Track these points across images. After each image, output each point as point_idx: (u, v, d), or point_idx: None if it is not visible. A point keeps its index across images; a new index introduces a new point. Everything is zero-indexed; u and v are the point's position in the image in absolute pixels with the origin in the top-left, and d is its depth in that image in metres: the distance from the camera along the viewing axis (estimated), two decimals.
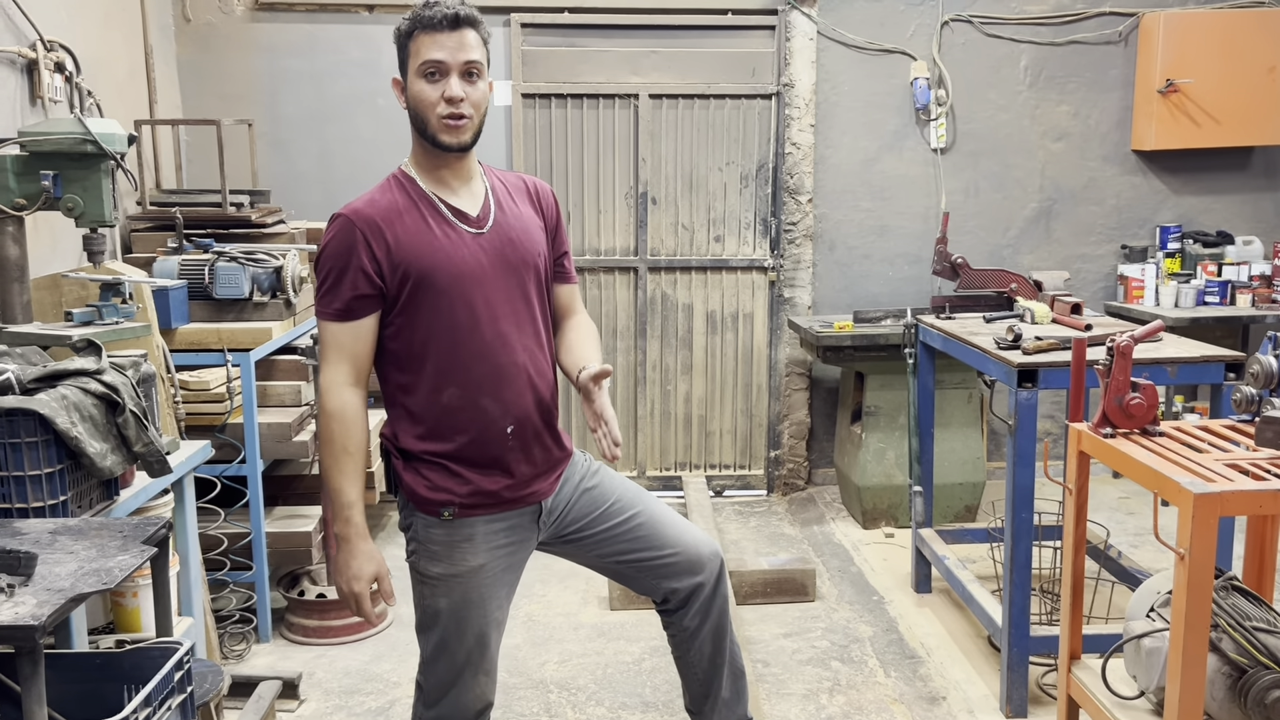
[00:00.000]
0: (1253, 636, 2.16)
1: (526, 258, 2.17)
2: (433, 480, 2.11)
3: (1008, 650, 3.04)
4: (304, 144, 4.86)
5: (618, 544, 2.28)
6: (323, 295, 2.08)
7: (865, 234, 5.14)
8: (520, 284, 2.16)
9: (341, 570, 2.12)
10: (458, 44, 2.04)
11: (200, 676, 2.39)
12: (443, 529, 2.12)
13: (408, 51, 2.08)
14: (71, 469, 2.23)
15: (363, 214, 2.06)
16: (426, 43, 2.04)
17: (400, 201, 2.10)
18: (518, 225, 2.18)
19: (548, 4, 4.84)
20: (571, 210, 5.04)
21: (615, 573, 2.37)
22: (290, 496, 4.01)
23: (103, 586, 1.75)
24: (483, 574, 2.14)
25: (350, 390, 2.08)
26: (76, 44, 3.58)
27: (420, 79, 2.06)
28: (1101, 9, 5.05)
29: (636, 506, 2.29)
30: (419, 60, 2.05)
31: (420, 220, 2.08)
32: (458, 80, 2.05)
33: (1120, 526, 4.55)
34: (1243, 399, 2.40)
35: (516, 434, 2.14)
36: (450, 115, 2.05)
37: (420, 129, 2.10)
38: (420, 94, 2.06)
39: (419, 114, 2.08)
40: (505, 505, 2.16)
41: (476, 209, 2.15)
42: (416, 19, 2.05)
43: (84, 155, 2.63)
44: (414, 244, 2.06)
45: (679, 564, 2.29)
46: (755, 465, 5.29)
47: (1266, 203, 5.27)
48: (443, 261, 2.07)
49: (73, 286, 3.11)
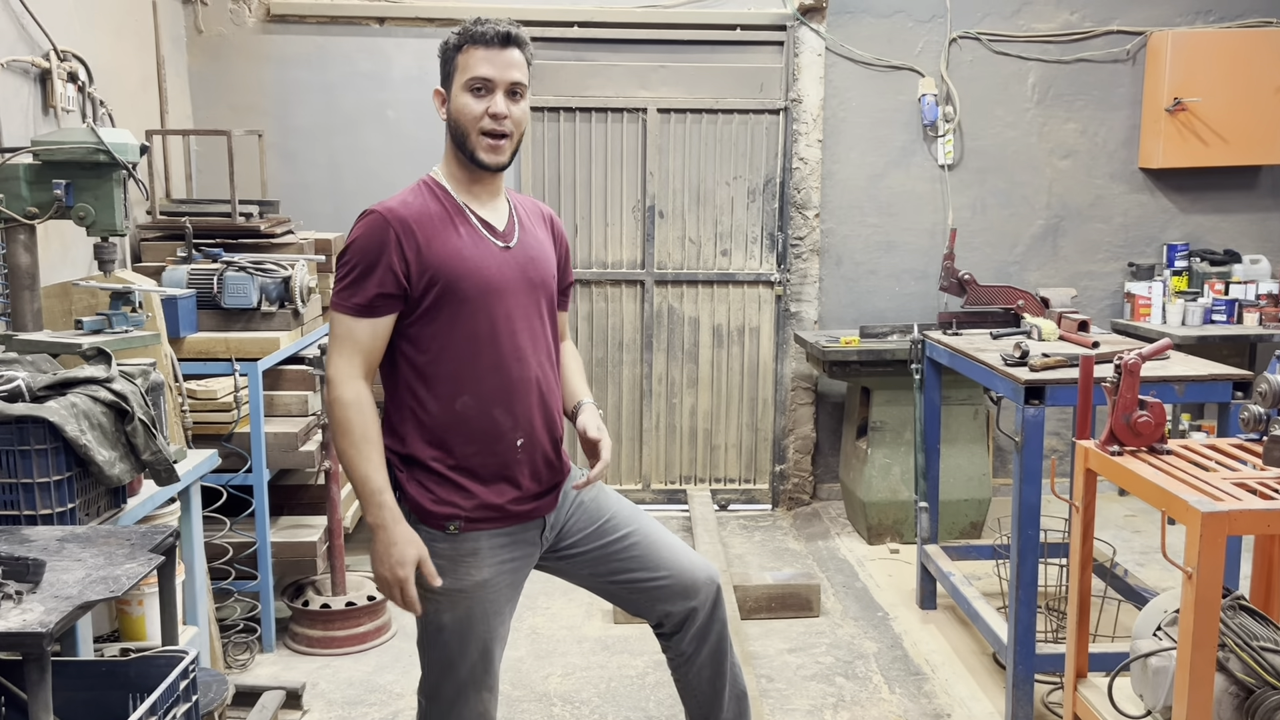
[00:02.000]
0: (1260, 656, 2.15)
1: (545, 278, 2.20)
2: (438, 493, 2.11)
3: (1013, 668, 3.03)
4: (313, 155, 4.88)
5: (610, 563, 2.27)
6: (345, 288, 2.06)
7: (872, 249, 5.15)
8: (537, 302, 2.18)
9: (382, 558, 2.06)
10: (506, 62, 2.08)
11: (205, 686, 2.39)
12: (447, 543, 2.11)
13: (454, 65, 2.09)
14: (80, 476, 2.24)
15: (397, 213, 2.06)
16: (476, 58, 2.06)
17: (432, 207, 2.10)
18: (536, 246, 2.21)
19: (558, 18, 4.86)
20: (579, 223, 5.06)
21: (608, 593, 2.34)
22: (296, 506, 4.01)
23: (110, 594, 1.75)
24: (487, 589, 2.13)
25: (361, 382, 2.08)
26: (89, 54, 3.60)
27: (466, 93, 2.07)
28: (1110, 27, 5.06)
29: (631, 525, 2.28)
30: (467, 75, 2.07)
31: (451, 227, 2.09)
32: (503, 98, 2.08)
33: (1126, 545, 4.54)
34: (1251, 418, 2.39)
35: (525, 447, 2.14)
36: (492, 132, 2.08)
37: (460, 142, 2.11)
38: (464, 107, 2.08)
39: (460, 127, 2.09)
40: (510, 520, 2.15)
41: (503, 224, 2.17)
42: (467, 34, 2.07)
43: (96, 165, 2.64)
44: (444, 250, 2.07)
45: (672, 587, 2.27)
46: (760, 479, 5.28)
47: (1274, 222, 5.27)
48: (471, 270, 2.08)
49: (83, 295, 3.12)
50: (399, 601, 2.08)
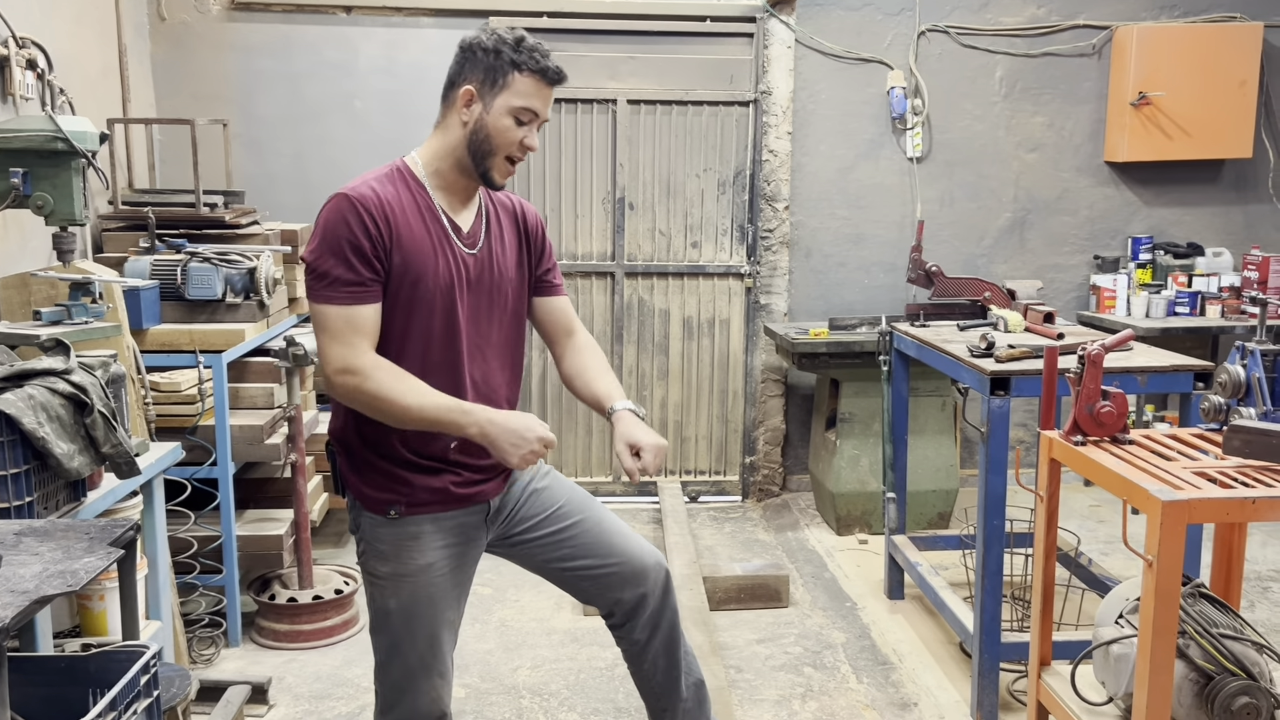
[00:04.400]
0: (1219, 643, 2.18)
1: (505, 283, 2.19)
2: (378, 480, 2.10)
3: (979, 656, 3.06)
4: (279, 145, 4.83)
5: (561, 549, 2.27)
6: (322, 276, 1.98)
7: (841, 242, 5.17)
8: (495, 306, 2.17)
9: (514, 442, 1.98)
10: (550, 99, 2.10)
11: (168, 681, 2.36)
12: (389, 528, 2.10)
13: (506, 81, 2.04)
14: (38, 469, 2.21)
15: (367, 197, 2.01)
16: (532, 87, 2.05)
17: (404, 197, 2.06)
18: (500, 251, 2.20)
19: (527, 8, 4.83)
20: (549, 215, 5.04)
21: (560, 580, 2.33)
22: (262, 500, 3.98)
23: (68, 588, 1.72)
24: (431, 573, 2.12)
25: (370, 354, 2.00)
26: (49, 41, 3.54)
27: (509, 117, 2.05)
28: (1076, 21, 5.10)
29: (583, 513, 2.29)
30: (519, 101, 2.05)
31: (421, 223, 2.06)
32: (537, 132, 2.10)
33: (1090, 534, 4.59)
34: (1211, 408, 2.43)
35: (460, 449, 2.12)
36: (516, 160, 2.10)
37: (479, 156, 2.08)
38: (505, 130, 2.06)
39: (489, 144, 2.06)
40: (452, 503, 2.14)
41: (469, 226, 2.15)
42: (531, 59, 2.04)
43: (55, 153, 2.61)
44: (413, 243, 2.04)
45: (622, 573, 2.27)
46: (730, 471, 5.30)
47: (1236, 215, 5.34)
48: (433, 269, 2.05)
49: (42, 285, 3.07)
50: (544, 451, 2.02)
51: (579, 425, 5.19)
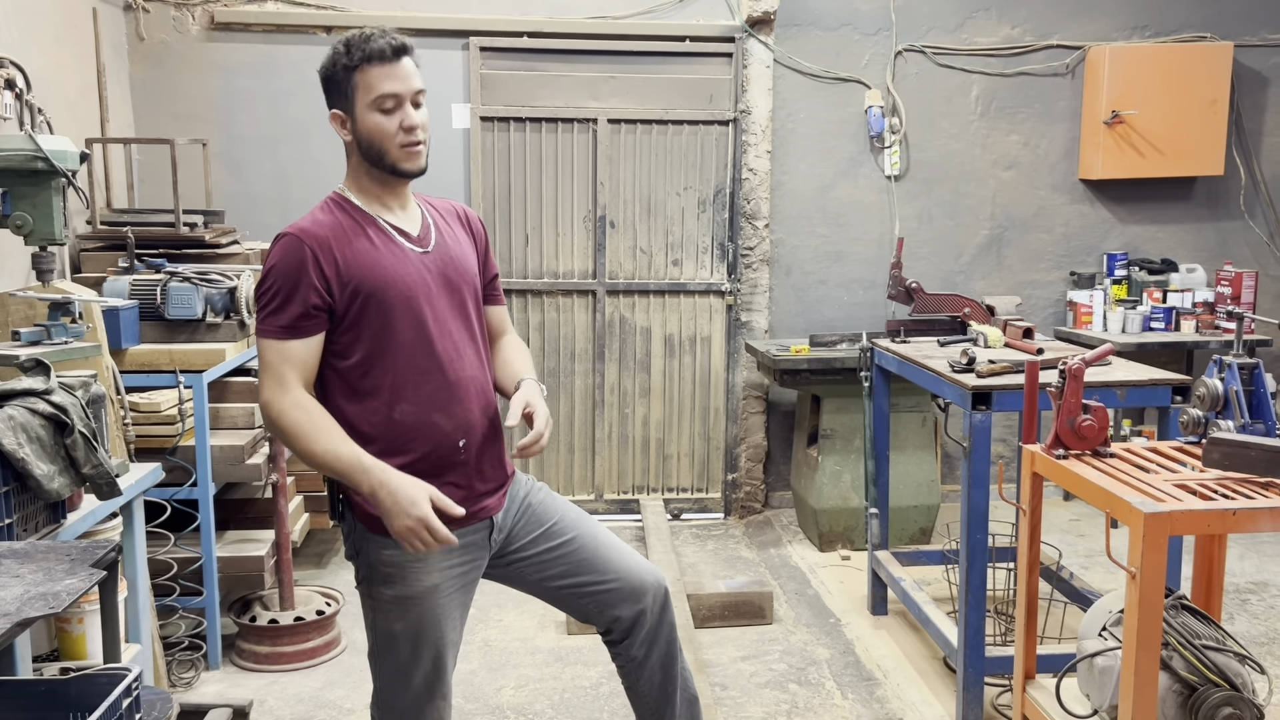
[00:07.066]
0: (1202, 655, 2.20)
1: (466, 278, 2.21)
2: None
3: (963, 671, 3.06)
4: (259, 164, 4.82)
5: (557, 566, 2.26)
6: (269, 313, 2.04)
7: (821, 259, 5.20)
8: (462, 302, 2.19)
9: (395, 511, 1.95)
10: (406, 74, 2.09)
11: (149, 705, 2.33)
12: (395, 549, 2.08)
13: (352, 85, 2.08)
14: (18, 491, 2.18)
15: (310, 232, 2.06)
16: (377, 76, 2.06)
17: (344, 221, 2.11)
18: (455, 247, 2.22)
19: (507, 28, 4.86)
20: (530, 234, 5.05)
21: (557, 598, 2.32)
22: (242, 521, 3.95)
23: (49, 611, 1.70)
24: (438, 594, 2.12)
25: (298, 390, 2.03)
26: (27, 61, 3.52)
27: (375, 112, 2.08)
28: (1050, 42, 5.17)
29: (577, 530, 2.28)
30: (373, 94, 2.07)
31: (366, 239, 2.10)
32: (411, 108, 2.09)
33: (1071, 548, 4.62)
34: (1190, 421, 2.45)
35: (468, 447, 2.14)
36: (410, 143, 2.09)
37: (376, 160, 2.11)
38: (378, 126, 2.08)
39: (377, 145, 2.09)
40: (458, 522, 2.14)
41: (417, 229, 2.18)
42: (359, 52, 2.06)
43: (34, 172, 2.59)
44: (362, 261, 2.07)
45: (620, 590, 2.27)
46: (713, 488, 5.30)
47: (1209, 232, 5.41)
48: (392, 278, 2.08)
49: (20, 306, 3.05)
50: (430, 543, 1.96)
51: (560, 444, 5.18)
